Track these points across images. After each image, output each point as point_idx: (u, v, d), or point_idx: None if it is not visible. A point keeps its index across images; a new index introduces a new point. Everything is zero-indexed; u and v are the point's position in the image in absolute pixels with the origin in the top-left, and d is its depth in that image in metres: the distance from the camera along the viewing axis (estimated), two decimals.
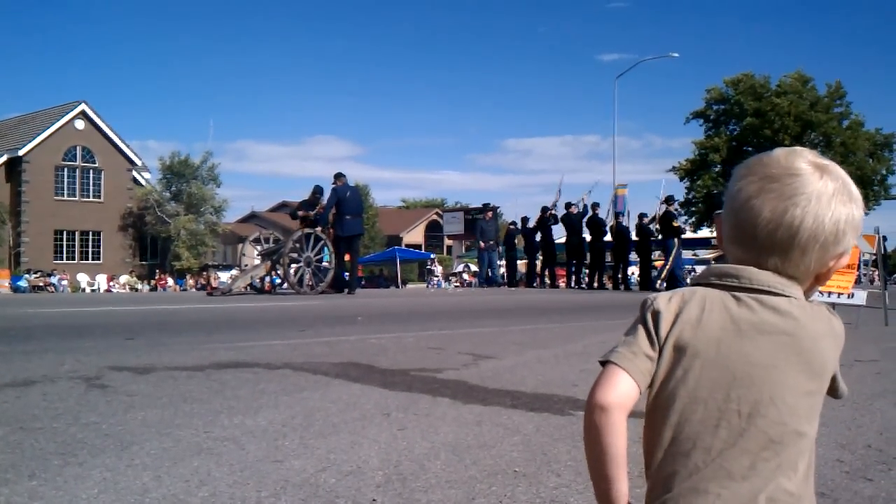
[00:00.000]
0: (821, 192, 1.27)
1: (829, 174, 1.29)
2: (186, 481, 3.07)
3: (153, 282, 44.73)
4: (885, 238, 13.27)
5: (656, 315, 1.29)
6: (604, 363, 1.29)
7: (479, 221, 24.46)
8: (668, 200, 22.14)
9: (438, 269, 47.64)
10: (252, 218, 67.08)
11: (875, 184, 49.70)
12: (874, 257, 13.78)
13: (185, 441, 3.67)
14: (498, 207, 25.10)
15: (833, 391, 1.35)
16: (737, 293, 1.29)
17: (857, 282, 13.69)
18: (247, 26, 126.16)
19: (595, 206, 24.07)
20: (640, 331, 1.30)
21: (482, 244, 24.31)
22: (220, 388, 4.94)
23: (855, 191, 1.31)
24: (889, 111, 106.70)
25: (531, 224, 25.22)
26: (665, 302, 1.31)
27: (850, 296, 9.59)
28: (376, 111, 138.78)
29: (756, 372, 1.24)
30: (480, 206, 25.05)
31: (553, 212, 24.54)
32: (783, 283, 1.28)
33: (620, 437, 1.25)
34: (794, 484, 1.23)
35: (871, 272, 34.65)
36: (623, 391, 1.25)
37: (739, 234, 1.32)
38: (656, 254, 24.55)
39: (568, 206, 24.33)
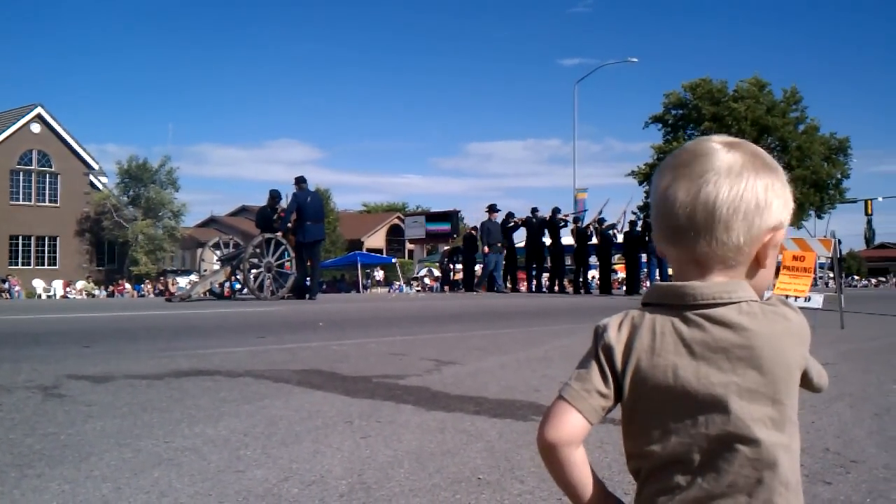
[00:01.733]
0: (731, 164, 1.24)
1: (738, 148, 1.27)
2: (147, 493, 3.03)
3: (111, 287, 44.22)
4: (839, 241, 13.50)
5: (608, 350, 1.26)
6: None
7: (484, 222, 24.03)
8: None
9: (380, 274, 48.29)
10: (211, 222, 66.62)
11: (830, 187, 50.59)
12: (830, 261, 14.01)
13: (146, 451, 3.62)
14: (500, 210, 24.70)
15: (808, 386, 1.33)
16: (685, 312, 1.24)
17: (814, 285, 13.88)
18: (207, 29, 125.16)
19: (556, 210, 24.17)
20: (593, 366, 1.27)
21: (486, 247, 23.78)
22: (181, 397, 4.89)
23: (771, 161, 1.28)
24: (843, 115, 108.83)
25: None
26: (615, 332, 1.27)
27: (808, 299, 9.72)
28: (338, 114, 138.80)
29: (718, 393, 1.20)
30: (487, 206, 24.31)
31: (517, 220, 24.56)
32: (729, 288, 1.24)
33: (577, 468, 1.26)
34: (784, 499, 1.20)
35: (826, 275, 35.17)
36: (572, 429, 1.24)
37: (664, 228, 1.29)
38: (616, 257, 24.76)
39: (534, 210, 24.43)
